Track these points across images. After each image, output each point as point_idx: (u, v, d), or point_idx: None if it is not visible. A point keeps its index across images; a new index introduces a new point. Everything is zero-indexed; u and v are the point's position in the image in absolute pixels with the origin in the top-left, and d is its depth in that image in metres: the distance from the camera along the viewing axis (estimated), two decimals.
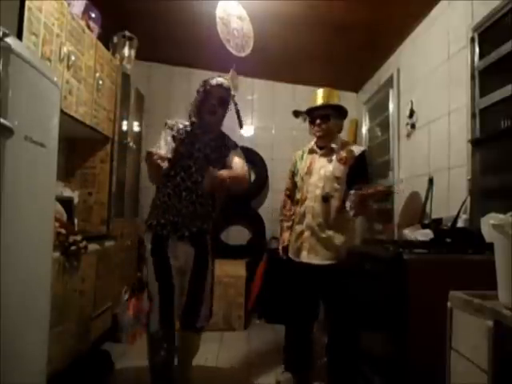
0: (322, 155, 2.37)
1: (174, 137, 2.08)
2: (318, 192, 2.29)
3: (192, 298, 2.10)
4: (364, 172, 2.31)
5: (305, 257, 2.30)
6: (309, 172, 2.36)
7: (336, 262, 2.23)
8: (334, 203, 2.26)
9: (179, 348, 2.18)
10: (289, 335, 2.46)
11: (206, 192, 2.02)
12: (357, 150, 2.33)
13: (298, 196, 2.42)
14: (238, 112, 2.23)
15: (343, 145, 2.37)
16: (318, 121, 2.33)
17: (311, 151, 2.44)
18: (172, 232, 2.04)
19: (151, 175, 1.99)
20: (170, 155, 1.98)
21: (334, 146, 2.33)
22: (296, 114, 2.62)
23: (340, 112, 2.39)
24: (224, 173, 1.95)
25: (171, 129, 2.10)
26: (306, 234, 2.31)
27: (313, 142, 2.46)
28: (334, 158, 2.31)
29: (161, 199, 2.08)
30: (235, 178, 2.02)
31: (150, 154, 1.86)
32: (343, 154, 2.30)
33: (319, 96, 2.37)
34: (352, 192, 2.11)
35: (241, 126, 2.28)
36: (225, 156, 2.13)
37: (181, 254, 2.07)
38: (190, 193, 2.05)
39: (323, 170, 2.31)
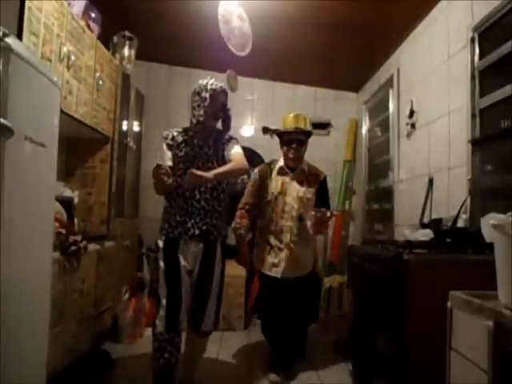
0: (294, 176, 2.53)
1: (169, 145, 2.17)
2: (294, 212, 2.50)
3: (197, 302, 2.12)
4: (326, 196, 2.58)
5: (281, 271, 2.50)
6: (283, 193, 2.50)
7: (306, 274, 2.56)
8: (307, 222, 2.49)
9: (185, 347, 2.19)
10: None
11: (207, 187, 2.10)
12: (321, 175, 2.60)
13: (270, 213, 2.55)
14: (229, 116, 2.26)
15: (309, 167, 2.61)
16: (294, 145, 2.50)
17: (281, 172, 2.56)
18: (183, 233, 2.09)
19: (157, 189, 2.06)
20: (169, 163, 2.08)
21: (305, 168, 2.54)
22: (265, 130, 2.88)
23: (308, 136, 2.64)
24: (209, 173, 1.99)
25: (166, 138, 2.19)
26: (285, 251, 2.50)
27: (281, 163, 2.58)
28: (305, 179, 2.53)
29: (168, 204, 2.16)
30: (225, 173, 2.06)
31: (156, 169, 1.88)
32: (311, 177, 2.54)
33: (293, 120, 2.53)
34: (312, 213, 2.33)
35: (227, 129, 2.28)
36: (223, 150, 2.18)
37: (190, 255, 2.11)
38: (193, 191, 2.10)
39: (297, 191, 2.50)
